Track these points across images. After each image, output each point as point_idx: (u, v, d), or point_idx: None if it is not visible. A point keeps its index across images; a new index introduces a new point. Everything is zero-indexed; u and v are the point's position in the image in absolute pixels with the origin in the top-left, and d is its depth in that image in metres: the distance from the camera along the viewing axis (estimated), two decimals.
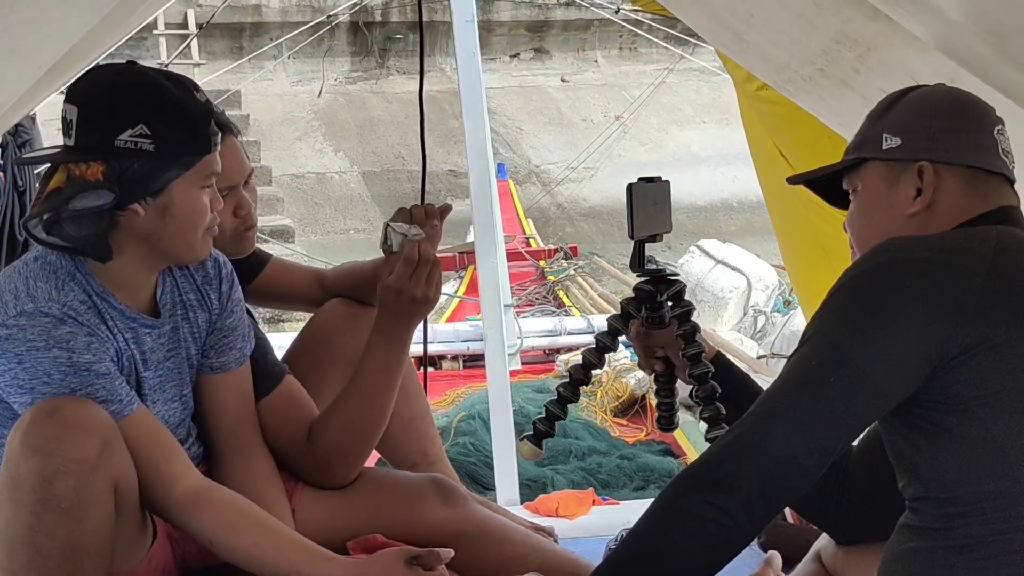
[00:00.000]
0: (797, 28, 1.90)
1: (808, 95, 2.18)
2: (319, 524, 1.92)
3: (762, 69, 2.25)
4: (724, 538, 1.40)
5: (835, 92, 2.06)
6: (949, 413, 1.39)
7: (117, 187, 1.63)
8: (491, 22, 14.63)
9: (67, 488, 1.55)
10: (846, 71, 1.95)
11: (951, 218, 1.50)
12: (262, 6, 13.74)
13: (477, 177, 3.09)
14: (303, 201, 13.23)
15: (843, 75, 1.97)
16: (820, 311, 1.45)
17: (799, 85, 2.14)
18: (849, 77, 1.96)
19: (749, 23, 1.98)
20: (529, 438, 1.94)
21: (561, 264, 7.93)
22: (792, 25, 1.90)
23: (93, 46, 2.14)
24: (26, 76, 1.88)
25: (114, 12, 1.88)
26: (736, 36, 2.08)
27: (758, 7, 1.90)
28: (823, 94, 2.11)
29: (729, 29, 2.07)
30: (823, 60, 1.96)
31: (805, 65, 2.02)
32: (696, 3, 2.12)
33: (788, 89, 2.24)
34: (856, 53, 1.87)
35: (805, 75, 2.06)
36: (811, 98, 2.19)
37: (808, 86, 2.10)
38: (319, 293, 2.23)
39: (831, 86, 2.04)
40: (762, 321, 6.51)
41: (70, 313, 1.64)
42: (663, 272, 1.93)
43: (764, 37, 2.04)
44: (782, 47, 2.03)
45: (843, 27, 1.81)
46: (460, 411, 4.45)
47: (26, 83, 1.95)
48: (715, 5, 2.02)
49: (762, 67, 2.23)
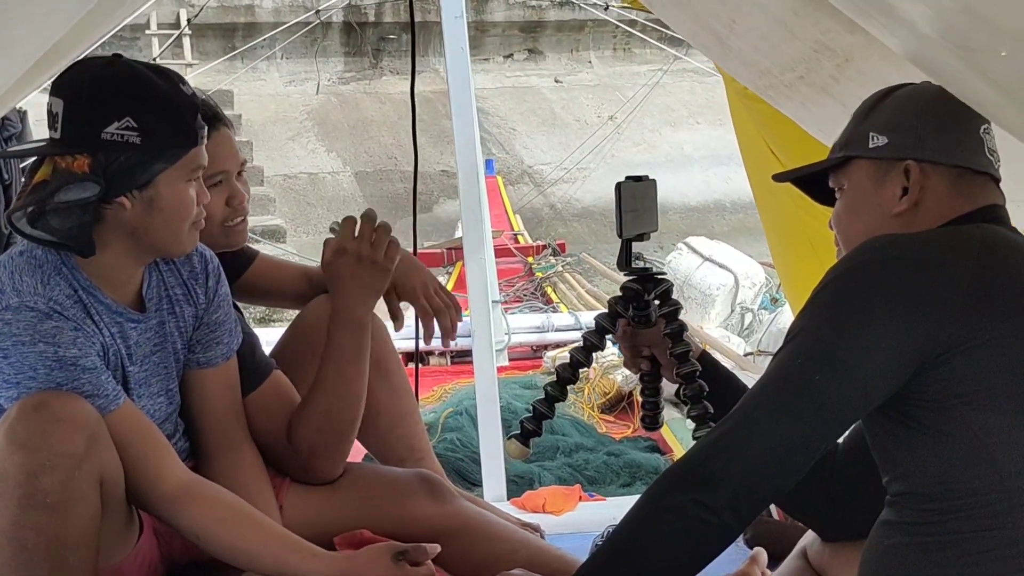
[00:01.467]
0: (777, 35, 1.91)
1: (790, 101, 2.19)
2: (306, 519, 1.92)
3: (745, 74, 2.26)
4: (709, 535, 1.40)
5: (816, 99, 2.07)
6: (933, 410, 1.39)
7: (103, 180, 1.62)
8: (484, 22, 14.63)
9: (53, 483, 1.54)
10: (825, 80, 1.96)
11: (937, 217, 1.51)
12: (255, 6, 13.73)
13: (465, 172, 3.11)
14: (295, 201, 13.22)
15: (823, 83, 1.98)
16: (805, 309, 1.46)
17: (780, 91, 2.15)
18: (829, 85, 1.97)
19: (731, 28, 1.99)
20: (517, 437, 1.94)
21: (549, 260, 7.93)
22: (773, 32, 1.91)
23: (79, 40, 2.13)
24: (11, 70, 1.87)
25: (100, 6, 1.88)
26: (719, 41, 2.08)
27: (739, 13, 1.91)
28: (804, 100, 2.12)
29: (712, 34, 2.08)
30: (803, 68, 1.97)
31: (786, 72, 2.04)
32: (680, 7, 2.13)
33: (770, 95, 2.25)
34: (835, 63, 1.88)
35: (786, 81, 2.07)
36: (793, 104, 2.20)
37: (789, 92, 2.12)
38: (307, 290, 2.23)
39: (812, 93, 2.05)
40: (749, 318, 6.52)
41: (56, 308, 1.63)
42: (650, 271, 1.93)
43: (746, 43, 2.05)
44: (763, 53, 2.04)
45: (822, 37, 1.82)
46: (448, 407, 4.45)
47: (11, 77, 1.95)
48: (698, 10, 2.03)
49: (744, 72, 2.24)
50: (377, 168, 13.76)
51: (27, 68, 1.88)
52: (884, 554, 1.45)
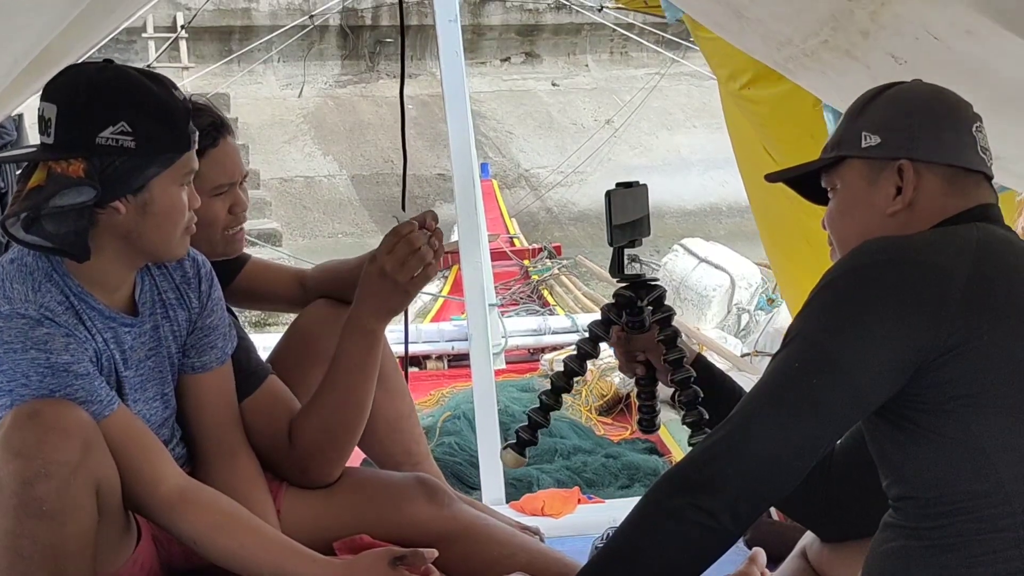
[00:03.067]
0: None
1: (809, 72, 2.14)
2: (304, 524, 1.92)
3: (762, 49, 2.19)
4: (708, 539, 1.40)
5: (838, 65, 2.02)
6: (932, 413, 1.39)
7: (98, 184, 1.62)
8: (481, 26, 14.64)
9: (48, 491, 1.54)
10: (854, 38, 1.90)
11: (931, 216, 1.50)
12: (252, 10, 13.74)
13: (460, 176, 3.12)
14: (291, 205, 13.22)
15: (849, 44, 1.92)
16: (802, 312, 1.46)
17: (800, 61, 2.09)
18: (856, 45, 1.91)
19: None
20: (512, 447, 1.94)
21: (545, 263, 7.92)
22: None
23: (73, 45, 2.12)
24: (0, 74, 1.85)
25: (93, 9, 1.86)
26: (736, 14, 2.02)
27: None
28: (825, 68, 2.07)
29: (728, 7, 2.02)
30: (830, 28, 1.89)
31: (809, 38, 1.96)
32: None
33: (788, 67, 2.19)
34: (869, 11, 1.83)
35: (808, 49, 2.00)
36: (812, 75, 2.15)
37: (810, 62, 2.05)
38: (300, 293, 2.23)
39: (834, 59, 1.99)
40: (746, 319, 6.51)
41: (47, 314, 1.63)
42: (643, 277, 1.93)
43: (767, 10, 1.97)
44: (785, 19, 1.97)
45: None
46: (445, 411, 4.44)
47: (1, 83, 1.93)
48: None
49: (762, 47, 2.17)
50: (373, 171, 13.76)
51: (19, 71, 1.87)
52: (887, 557, 1.45)
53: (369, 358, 1.92)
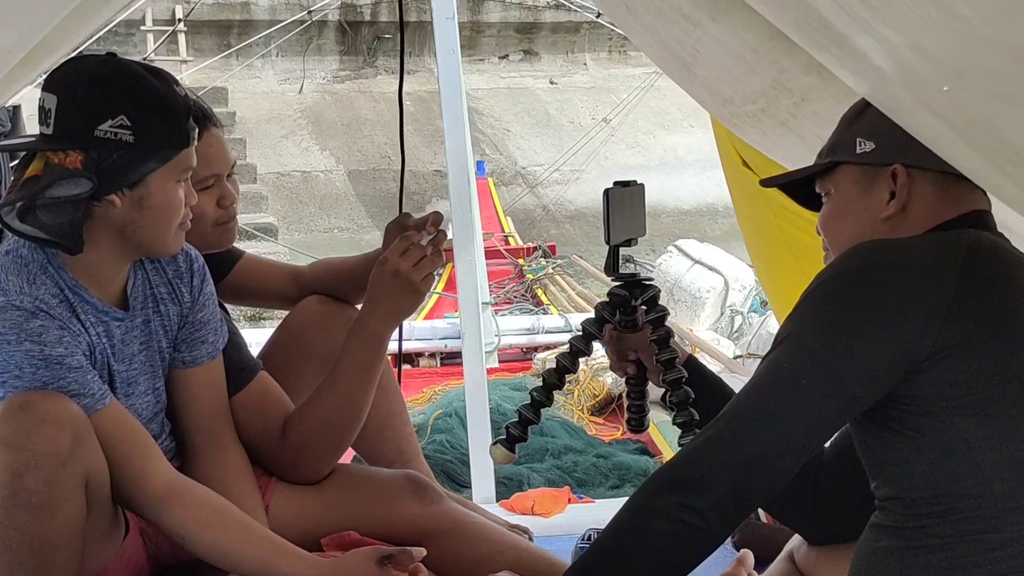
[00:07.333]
0: (738, 69, 1.93)
1: (752, 130, 2.22)
2: (293, 520, 1.92)
3: (710, 102, 2.28)
4: (695, 539, 1.40)
5: (776, 131, 2.10)
6: (920, 415, 1.39)
7: (95, 176, 1.62)
8: (480, 23, 14.64)
9: (38, 483, 1.54)
10: (784, 115, 1.99)
11: (924, 221, 1.51)
12: (251, 4, 13.72)
13: (455, 174, 3.12)
14: (288, 199, 13.21)
15: (782, 117, 2.00)
16: (793, 314, 1.46)
17: (744, 119, 2.17)
18: (788, 120, 2.00)
19: (696, 58, 2.00)
20: (502, 443, 1.93)
21: (540, 262, 7.93)
22: (734, 66, 1.93)
23: (70, 36, 2.12)
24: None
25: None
26: (685, 68, 2.10)
27: (703, 44, 1.92)
28: (765, 131, 2.15)
29: (678, 59, 2.09)
30: (764, 101, 1.99)
31: (748, 103, 2.06)
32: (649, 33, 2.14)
33: (734, 123, 2.27)
34: (792, 101, 1.91)
35: (748, 112, 2.09)
36: (755, 132, 2.23)
37: (752, 122, 2.14)
38: (294, 290, 2.22)
39: (772, 125, 2.07)
40: (739, 321, 6.52)
41: (42, 307, 1.63)
42: (637, 276, 1.93)
43: (710, 72, 2.07)
44: (726, 83, 2.06)
45: (779, 76, 1.84)
46: (437, 408, 4.46)
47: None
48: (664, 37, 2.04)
49: (710, 100, 2.26)
50: (370, 167, 13.75)
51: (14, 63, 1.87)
52: (873, 557, 1.46)
53: (374, 362, 1.93)
